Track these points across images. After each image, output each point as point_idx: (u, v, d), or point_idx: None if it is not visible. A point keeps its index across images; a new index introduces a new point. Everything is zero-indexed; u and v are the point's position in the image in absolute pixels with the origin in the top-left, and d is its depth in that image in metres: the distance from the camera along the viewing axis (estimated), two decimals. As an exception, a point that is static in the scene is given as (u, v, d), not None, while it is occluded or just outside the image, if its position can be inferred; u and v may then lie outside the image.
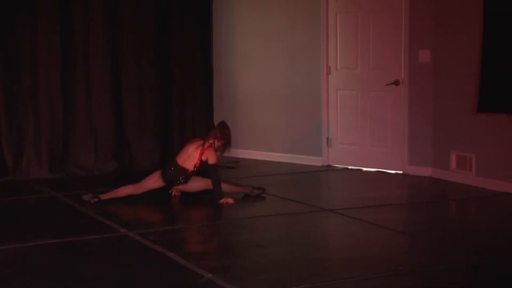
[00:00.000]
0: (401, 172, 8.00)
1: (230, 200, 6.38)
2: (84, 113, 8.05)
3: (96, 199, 6.42)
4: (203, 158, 6.46)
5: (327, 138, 8.50)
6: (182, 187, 6.65)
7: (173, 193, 6.72)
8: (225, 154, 7.05)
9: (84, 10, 7.98)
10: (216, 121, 8.93)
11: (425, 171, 7.80)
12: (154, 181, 6.59)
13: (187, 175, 6.55)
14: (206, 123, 8.77)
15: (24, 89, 7.72)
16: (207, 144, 6.50)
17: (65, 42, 7.91)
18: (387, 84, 8.02)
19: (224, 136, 6.62)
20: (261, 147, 9.02)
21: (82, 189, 6.93)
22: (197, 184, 6.67)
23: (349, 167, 8.38)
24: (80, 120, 8.04)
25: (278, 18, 8.74)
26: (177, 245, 5.18)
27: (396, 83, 7.97)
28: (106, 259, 4.91)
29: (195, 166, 6.50)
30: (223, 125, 6.70)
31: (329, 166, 8.48)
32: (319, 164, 8.51)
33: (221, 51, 9.14)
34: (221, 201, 6.36)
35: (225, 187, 6.55)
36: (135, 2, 8.26)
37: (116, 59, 8.21)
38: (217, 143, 6.59)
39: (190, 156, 6.51)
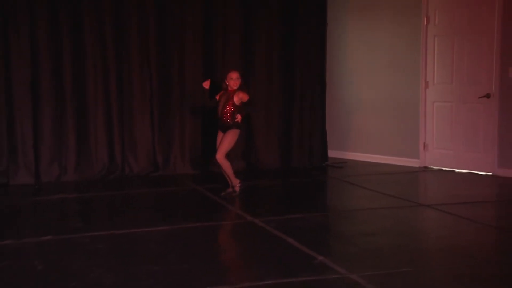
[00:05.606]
0: (490, 173, 7.70)
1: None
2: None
3: (232, 189, 6.48)
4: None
5: (424, 143, 8.30)
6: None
7: None
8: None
9: (222, 11, 7.96)
10: (328, 127, 8.94)
11: (513, 173, 7.48)
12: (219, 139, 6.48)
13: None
14: (320, 128, 8.73)
15: (172, 101, 7.92)
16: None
17: (206, 43, 7.93)
18: (479, 97, 7.74)
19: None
20: (366, 149, 8.93)
21: (217, 183, 7.13)
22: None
23: (444, 168, 8.14)
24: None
25: (384, 36, 8.62)
26: (295, 232, 5.23)
27: (487, 96, 7.68)
28: (235, 241, 5.04)
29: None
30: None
31: (425, 167, 8.28)
32: (416, 165, 8.33)
33: (333, 65, 9.11)
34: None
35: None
36: (263, 9, 8.18)
37: (248, 65, 8.14)
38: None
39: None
